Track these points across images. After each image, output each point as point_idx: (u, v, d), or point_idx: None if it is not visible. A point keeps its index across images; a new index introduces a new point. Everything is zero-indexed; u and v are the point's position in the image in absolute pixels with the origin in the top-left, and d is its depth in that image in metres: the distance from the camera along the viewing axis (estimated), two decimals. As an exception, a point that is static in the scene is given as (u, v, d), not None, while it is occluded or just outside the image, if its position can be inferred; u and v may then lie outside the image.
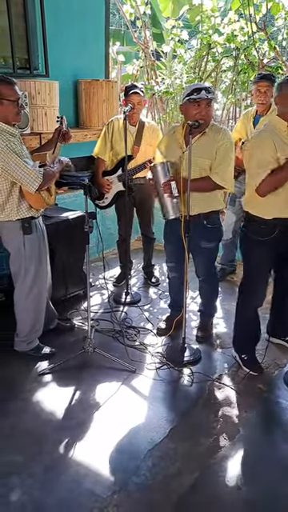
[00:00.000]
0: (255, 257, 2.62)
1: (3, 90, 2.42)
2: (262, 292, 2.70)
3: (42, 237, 2.78)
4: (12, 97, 2.44)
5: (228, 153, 2.68)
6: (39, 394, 2.62)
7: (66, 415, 2.46)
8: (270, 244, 2.52)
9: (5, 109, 2.44)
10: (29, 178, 2.43)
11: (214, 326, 3.30)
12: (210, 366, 2.86)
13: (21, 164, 2.41)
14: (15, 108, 2.47)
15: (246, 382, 2.72)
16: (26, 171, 2.42)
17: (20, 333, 2.85)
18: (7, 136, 2.43)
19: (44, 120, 3.82)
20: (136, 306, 3.61)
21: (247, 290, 2.73)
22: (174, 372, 2.81)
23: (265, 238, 2.50)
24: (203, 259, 2.97)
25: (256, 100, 3.46)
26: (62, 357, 2.88)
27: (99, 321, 3.38)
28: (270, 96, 3.40)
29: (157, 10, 7.00)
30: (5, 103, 2.43)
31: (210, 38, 4.44)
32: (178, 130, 2.78)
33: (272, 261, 2.64)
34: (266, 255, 2.58)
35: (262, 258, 2.60)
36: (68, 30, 4.19)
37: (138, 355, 2.98)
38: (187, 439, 2.31)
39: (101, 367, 2.84)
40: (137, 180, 3.63)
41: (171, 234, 2.93)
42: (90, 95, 4.29)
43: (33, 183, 2.44)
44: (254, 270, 2.65)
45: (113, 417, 2.46)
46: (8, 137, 2.43)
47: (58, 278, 3.39)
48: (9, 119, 2.47)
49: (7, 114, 2.45)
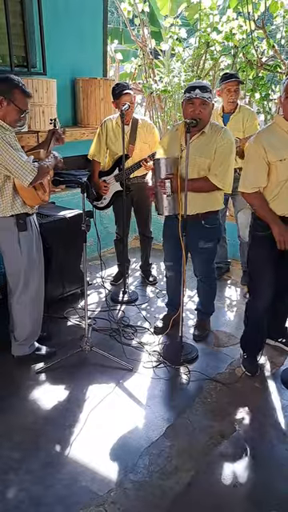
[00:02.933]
0: (259, 256, 2.60)
1: (18, 95, 2.44)
2: (267, 292, 2.65)
3: (37, 235, 2.78)
4: (21, 106, 2.47)
5: (228, 154, 2.68)
6: (36, 392, 2.62)
7: (63, 413, 2.47)
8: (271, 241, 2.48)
9: (9, 111, 2.44)
10: (23, 170, 2.42)
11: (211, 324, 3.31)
12: (207, 365, 2.87)
13: (15, 156, 2.40)
14: (18, 116, 2.49)
15: (243, 380, 2.73)
16: (21, 163, 2.41)
17: (19, 337, 2.81)
18: (2, 130, 2.42)
19: (41, 118, 3.82)
20: (133, 304, 3.61)
21: (253, 291, 2.72)
22: (170, 370, 2.82)
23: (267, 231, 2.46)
24: (201, 259, 2.98)
25: (227, 99, 3.54)
26: (59, 355, 2.88)
27: (96, 319, 3.38)
28: (238, 95, 3.60)
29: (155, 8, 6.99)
30: (11, 107, 2.44)
31: (209, 36, 4.44)
32: (181, 127, 2.78)
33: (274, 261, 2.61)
34: (268, 253, 2.54)
35: (265, 257, 2.57)
36: (66, 28, 4.18)
37: (135, 354, 2.98)
38: (184, 437, 2.32)
39: (98, 365, 2.84)
40: (134, 179, 3.63)
41: (169, 233, 2.94)
42: (88, 93, 4.29)
43: (27, 176, 2.43)
44: (257, 270, 2.63)
45: (110, 415, 2.46)
46: (3, 130, 2.42)
47: (54, 277, 3.40)
48: (7, 120, 2.46)
49: (8, 116, 2.45)
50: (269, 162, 2.36)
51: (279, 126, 2.39)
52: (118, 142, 3.56)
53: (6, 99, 2.42)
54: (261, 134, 2.42)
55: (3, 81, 2.45)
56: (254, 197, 2.46)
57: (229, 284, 3.97)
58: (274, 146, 2.35)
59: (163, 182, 2.66)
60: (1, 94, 2.41)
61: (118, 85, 3.41)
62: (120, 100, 3.36)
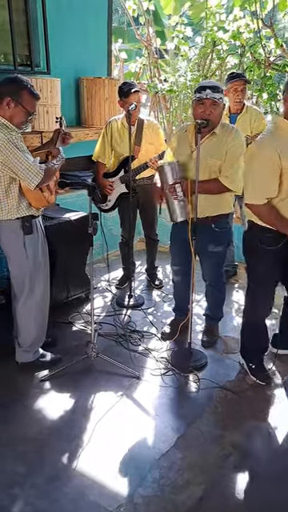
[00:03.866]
0: (261, 267, 2.48)
1: (26, 96, 2.38)
2: (269, 301, 2.58)
3: (43, 238, 2.70)
4: (29, 107, 2.40)
5: (239, 155, 2.60)
6: (41, 401, 2.54)
7: (68, 423, 2.39)
8: (275, 253, 2.37)
9: (16, 112, 2.38)
10: (29, 172, 2.34)
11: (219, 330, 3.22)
12: (216, 372, 2.79)
13: (21, 158, 2.32)
14: (25, 118, 2.43)
15: (254, 389, 2.65)
16: (27, 166, 2.34)
17: (23, 343, 2.73)
18: (8, 130, 2.35)
19: (45, 118, 3.74)
20: (139, 309, 3.53)
21: (254, 300, 2.62)
22: (179, 378, 2.73)
23: (271, 247, 2.35)
24: (211, 263, 2.90)
25: (233, 98, 3.46)
26: (64, 362, 2.80)
27: (102, 324, 3.30)
28: (245, 95, 3.51)
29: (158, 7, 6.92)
30: (19, 108, 2.37)
31: (215, 34, 4.36)
32: (190, 128, 2.70)
33: (278, 271, 2.50)
34: (272, 265, 2.44)
35: (268, 268, 2.46)
36: (70, 26, 4.10)
37: (142, 360, 2.90)
38: (195, 449, 2.24)
39: (104, 373, 2.76)
40: (140, 180, 3.55)
41: (178, 237, 2.86)
42: (92, 93, 4.21)
43: (33, 178, 2.36)
44: (259, 280, 2.54)
45: (117, 425, 2.38)
46: (9, 131, 2.35)
47: (59, 281, 3.31)
48: (13, 122, 2.40)
49: (15, 118, 2.39)
50: (282, 168, 2.19)
51: (283, 130, 2.21)
52: (123, 143, 3.48)
53: (14, 100, 2.35)
54: (270, 139, 2.23)
55: (12, 81, 2.38)
56: (265, 207, 2.28)
57: (236, 288, 3.88)
58: (283, 149, 2.17)
59: (173, 188, 2.58)
60: (9, 94, 2.34)
61: (126, 83, 3.34)
62: (128, 99, 3.28)
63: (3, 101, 2.35)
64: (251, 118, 3.53)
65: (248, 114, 3.54)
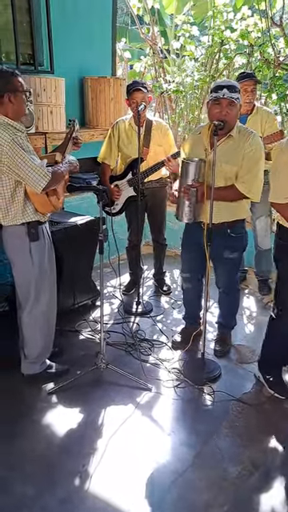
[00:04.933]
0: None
1: (16, 81, 2.26)
2: None
3: (50, 245, 2.58)
4: (22, 87, 2.29)
5: (257, 160, 2.48)
6: (49, 416, 2.42)
7: (79, 440, 2.27)
8: None
9: (18, 102, 2.28)
10: (35, 175, 2.23)
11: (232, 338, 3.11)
12: (231, 384, 2.68)
13: (27, 159, 2.21)
14: (24, 100, 2.33)
15: (272, 402, 2.53)
16: (33, 167, 2.22)
17: (29, 355, 2.61)
18: (14, 130, 2.24)
19: (49, 119, 3.62)
20: (148, 316, 3.41)
21: (284, 313, 2.47)
22: (193, 390, 2.62)
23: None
24: (225, 270, 2.78)
25: (243, 99, 3.36)
26: (72, 373, 2.69)
27: (110, 333, 3.18)
28: (255, 95, 3.42)
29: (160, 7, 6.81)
30: (18, 96, 2.27)
31: (222, 34, 4.25)
32: (204, 130, 2.58)
33: None
34: None
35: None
36: (74, 25, 3.99)
37: (153, 371, 2.79)
38: (213, 468, 2.13)
39: (114, 385, 2.64)
40: (149, 183, 3.44)
41: (190, 242, 2.75)
42: (97, 93, 4.10)
43: (39, 181, 2.24)
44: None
45: (130, 442, 2.26)
46: (15, 131, 2.24)
47: (65, 287, 3.19)
48: (20, 113, 2.31)
49: (19, 108, 2.30)
50: None
51: None
52: (131, 145, 3.37)
53: (12, 93, 2.25)
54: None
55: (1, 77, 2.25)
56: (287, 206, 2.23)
57: (247, 294, 3.77)
58: None
59: (188, 189, 2.46)
60: (5, 91, 2.23)
61: (133, 82, 3.25)
62: (131, 97, 3.19)
63: (3, 98, 2.24)
64: (262, 119, 3.42)
65: (258, 115, 3.44)
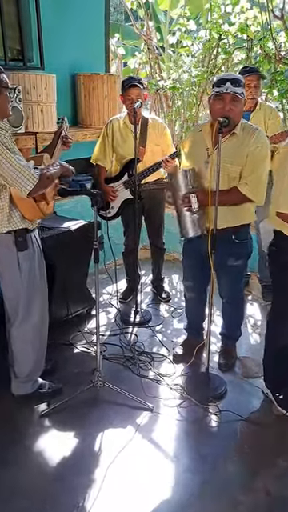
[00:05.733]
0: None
1: None
2: None
3: (40, 254, 2.38)
4: (5, 84, 2.09)
5: (262, 159, 2.30)
6: (42, 442, 2.22)
7: (75, 469, 2.07)
8: None
9: (1, 99, 2.08)
10: (21, 176, 2.02)
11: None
12: (237, 402, 2.49)
13: (12, 160, 2.00)
14: (8, 98, 2.15)
15: (283, 422, 2.34)
16: (19, 168, 2.01)
17: (19, 373, 2.41)
18: None
19: (40, 118, 3.40)
20: (147, 326, 3.22)
21: (280, 323, 2.31)
22: (197, 410, 2.42)
23: None
24: (229, 278, 2.59)
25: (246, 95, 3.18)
26: (66, 392, 2.48)
27: (107, 345, 2.98)
28: (259, 91, 3.27)
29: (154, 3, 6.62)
30: (2, 93, 2.07)
31: (220, 28, 4.06)
32: (206, 128, 2.39)
33: None
34: None
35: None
36: (65, 19, 3.78)
37: (153, 388, 2.59)
38: (222, 497, 1.94)
39: (112, 404, 2.45)
40: (146, 185, 3.24)
41: (192, 250, 2.56)
42: (90, 90, 3.89)
43: (26, 183, 2.03)
44: None
45: (131, 471, 2.07)
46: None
47: (58, 297, 3.00)
48: (3, 112, 2.11)
49: (3, 107, 2.10)
50: None
51: None
52: (126, 145, 3.18)
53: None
54: None
55: None
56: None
57: (250, 300, 3.58)
58: None
59: (187, 198, 2.27)
60: None
61: (129, 78, 3.07)
62: (126, 93, 3.01)
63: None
64: (265, 115, 3.25)
65: (261, 111, 3.26)
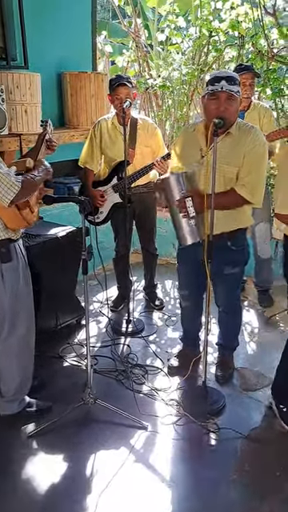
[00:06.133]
0: None
1: None
2: None
3: (24, 264, 2.23)
4: None
5: (260, 159, 2.18)
6: (30, 466, 2.07)
7: (66, 497, 1.92)
8: None
9: None
10: (1, 185, 1.87)
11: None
12: (237, 417, 2.36)
13: None
14: None
15: (285, 438, 2.22)
16: None
17: (5, 392, 2.26)
18: None
19: (24, 119, 3.24)
20: (139, 336, 3.07)
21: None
22: (195, 427, 2.28)
23: None
24: (226, 287, 2.46)
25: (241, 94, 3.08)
26: (56, 411, 2.33)
27: (98, 357, 2.83)
28: (253, 89, 3.19)
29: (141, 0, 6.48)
30: None
31: (211, 24, 3.94)
32: (199, 128, 2.26)
33: None
34: None
35: None
36: (50, 16, 3.62)
37: (148, 404, 2.45)
38: (225, 527, 1.81)
39: (105, 424, 2.30)
40: (136, 189, 3.10)
41: (187, 258, 2.43)
42: (77, 90, 3.74)
43: (6, 192, 1.87)
44: None
45: (126, 498, 1.92)
46: None
47: (46, 308, 2.84)
48: None
49: None
50: None
51: None
52: (115, 147, 3.04)
53: None
54: None
55: None
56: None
57: (246, 306, 3.46)
58: None
59: (182, 203, 2.13)
60: None
61: (117, 76, 2.92)
62: (115, 92, 2.87)
63: None
64: (259, 114, 3.14)
65: (256, 111, 3.15)
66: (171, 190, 2.18)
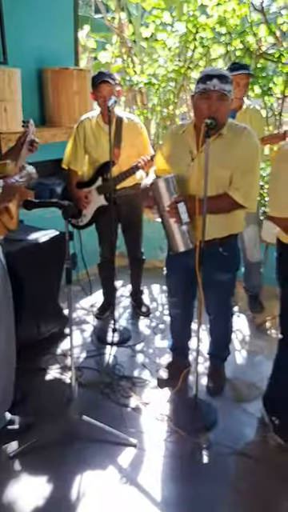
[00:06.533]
0: None
1: None
2: None
3: (4, 272, 2.09)
4: None
5: (253, 160, 2.07)
6: (11, 490, 1.92)
7: (49, 525, 1.79)
8: None
9: None
10: None
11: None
12: (230, 431, 2.25)
13: None
14: None
15: (281, 453, 2.12)
16: None
17: None
18: None
19: (3, 117, 3.08)
20: (126, 345, 2.95)
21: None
22: (186, 443, 2.17)
23: None
24: (217, 294, 2.35)
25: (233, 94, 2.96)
26: (38, 429, 2.20)
27: (83, 369, 2.70)
28: (247, 90, 3.07)
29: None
30: None
31: (197, 20, 3.82)
32: (189, 129, 2.14)
33: None
34: None
35: None
36: (30, 8, 3.45)
37: (136, 419, 2.33)
38: None
39: (91, 441, 2.17)
40: (121, 191, 2.96)
41: (177, 264, 2.31)
42: (59, 86, 3.58)
43: None
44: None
45: (115, 523, 1.81)
46: None
47: (27, 317, 2.69)
48: None
49: None
50: None
51: None
52: (99, 147, 2.90)
53: None
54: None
55: None
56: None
57: (237, 312, 3.35)
58: None
59: (174, 208, 2.01)
60: None
61: (99, 73, 2.77)
62: (97, 90, 2.74)
63: None
64: (252, 115, 3.03)
65: (247, 114, 3.03)
66: (161, 196, 2.05)
